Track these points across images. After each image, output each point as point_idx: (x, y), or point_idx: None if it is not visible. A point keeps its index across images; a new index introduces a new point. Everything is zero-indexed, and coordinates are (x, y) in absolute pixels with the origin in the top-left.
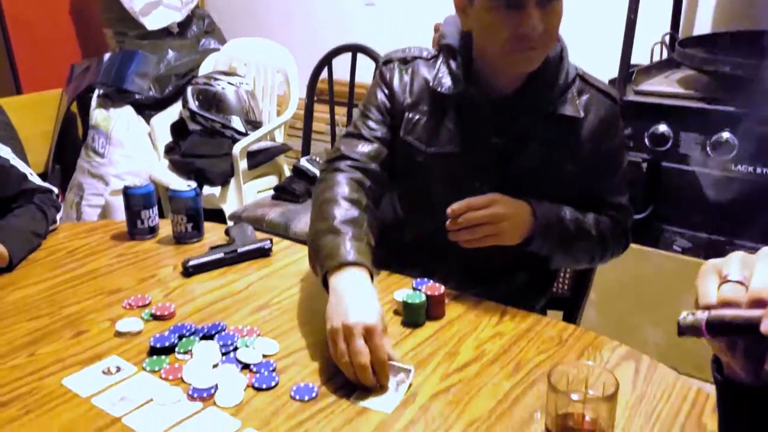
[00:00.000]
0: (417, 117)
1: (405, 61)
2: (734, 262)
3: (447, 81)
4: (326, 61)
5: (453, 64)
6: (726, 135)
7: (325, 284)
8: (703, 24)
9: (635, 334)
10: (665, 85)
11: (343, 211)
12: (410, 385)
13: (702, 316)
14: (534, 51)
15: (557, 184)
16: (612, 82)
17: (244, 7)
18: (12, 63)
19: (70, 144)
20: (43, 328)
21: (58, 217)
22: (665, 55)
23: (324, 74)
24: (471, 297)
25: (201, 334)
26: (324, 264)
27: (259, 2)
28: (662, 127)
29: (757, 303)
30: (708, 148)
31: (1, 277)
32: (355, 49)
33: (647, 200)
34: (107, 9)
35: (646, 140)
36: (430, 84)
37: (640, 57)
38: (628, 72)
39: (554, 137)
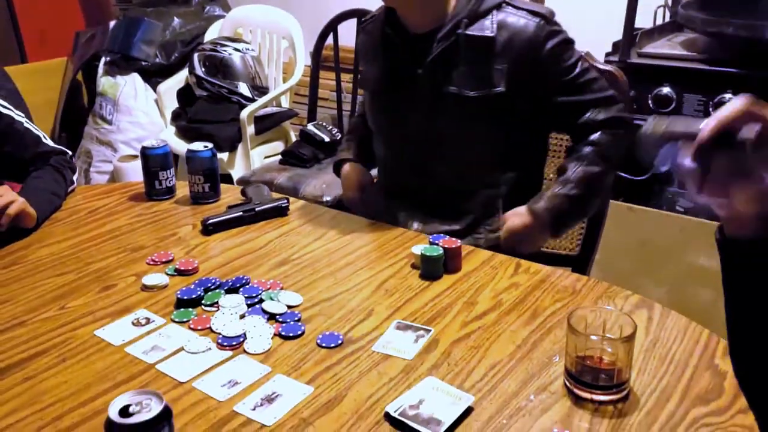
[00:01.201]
0: (363, 66)
1: (363, 23)
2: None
3: (372, 27)
4: (331, 27)
5: (382, 11)
6: (728, 96)
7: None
8: None
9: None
10: (668, 48)
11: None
12: (430, 339)
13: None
14: None
15: (493, 103)
16: (616, 45)
17: None
18: (17, 32)
19: (77, 112)
20: (71, 282)
21: (74, 178)
22: (668, 18)
23: (330, 40)
24: (486, 251)
25: (226, 287)
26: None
27: None
28: (665, 89)
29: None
30: (711, 109)
31: (27, 236)
32: (359, 15)
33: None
34: None
35: (649, 102)
36: (364, 33)
37: (644, 21)
38: (631, 35)
39: (475, 62)
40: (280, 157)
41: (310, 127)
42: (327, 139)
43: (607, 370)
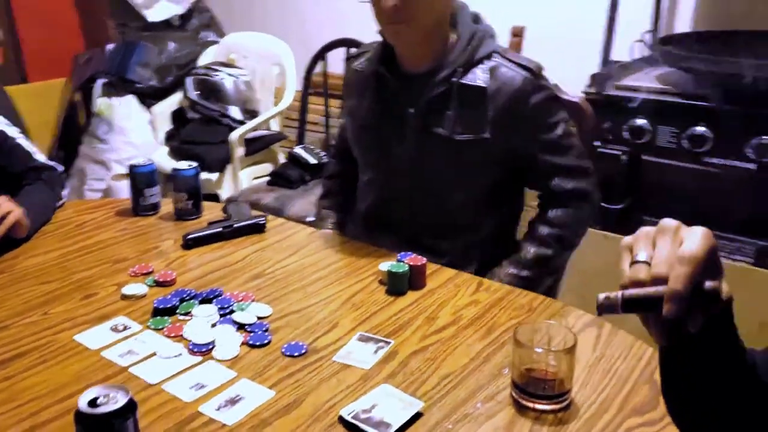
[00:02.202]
0: (350, 99)
1: (351, 56)
2: (641, 241)
3: (364, 63)
4: (320, 54)
5: (377, 49)
6: (701, 129)
7: None
8: (681, 23)
9: (613, 320)
10: (644, 81)
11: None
12: (389, 351)
13: (617, 295)
14: (397, 25)
15: (477, 151)
16: (593, 77)
17: (243, 2)
18: (18, 53)
19: (74, 131)
20: (54, 291)
21: (64, 193)
22: (646, 52)
23: (320, 68)
24: (451, 270)
25: (200, 298)
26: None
27: None
28: (640, 121)
29: (657, 281)
30: (684, 142)
31: (16, 246)
32: (348, 44)
33: (626, 192)
34: (112, 1)
35: (624, 133)
36: (356, 69)
37: (623, 54)
38: (608, 68)
39: (465, 107)
40: (268, 178)
41: (298, 149)
42: (314, 162)
43: (549, 380)
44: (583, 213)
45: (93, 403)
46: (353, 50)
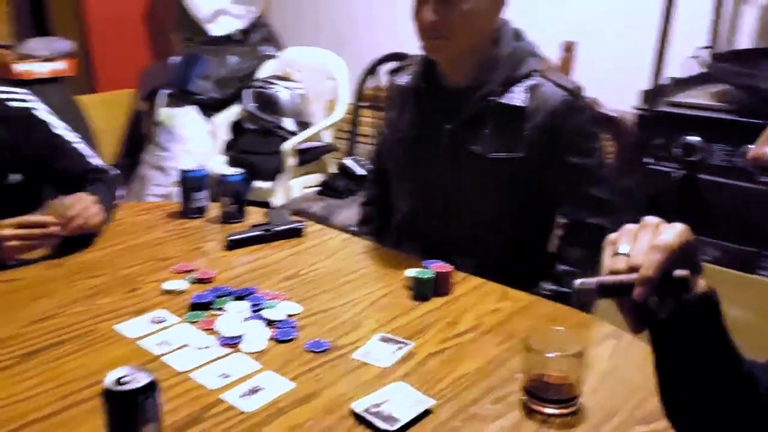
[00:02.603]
0: (390, 113)
1: (395, 69)
2: (623, 236)
3: (406, 77)
4: (373, 68)
5: (419, 63)
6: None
7: None
8: (739, 39)
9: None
10: (698, 98)
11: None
12: (408, 351)
13: (593, 281)
14: (437, 41)
15: (510, 169)
16: (645, 93)
17: (304, 18)
18: (89, 64)
19: (138, 140)
20: (102, 284)
21: (120, 194)
22: (700, 68)
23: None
24: (478, 278)
25: (234, 295)
26: None
27: (318, 13)
28: (693, 138)
29: (632, 269)
30: (738, 160)
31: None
32: (399, 58)
33: (678, 210)
34: (178, 16)
35: (677, 151)
36: (397, 82)
37: (675, 70)
38: (658, 84)
39: (503, 126)
40: (318, 187)
41: (348, 161)
42: (362, 173)
43: (558, 385)
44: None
45: (119, 382)
46: (397, 63)
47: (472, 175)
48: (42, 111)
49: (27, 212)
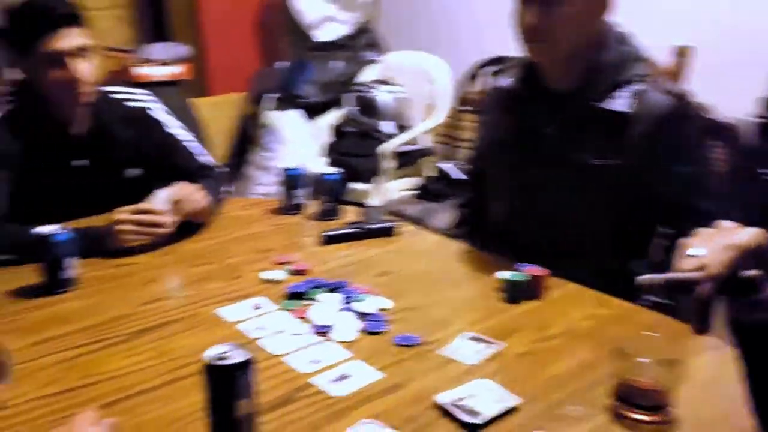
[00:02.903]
0: (489, 115)
1: (497, 71)
2: (697, 239)
3: (507, 80)
4: (475, 72)
5: (520, 65)
6: None
7: None
8: None
9: None
10: None
11: None
12: (496, 351)
13: (660, 277)
14: (538, 43)
15: (612, 177)
16: (765, 100)
17: (406, 22)
18: (204, 69)
19: (246, 141)
20: (208, 271)
21: (226, 190)
22: None
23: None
24: (573, 285)
25: (328, 287)
26: None
27: (420, 18)
28: None
29: (701, 269)
30: None
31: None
32: (502, 61)
33: None
34: (285, 22)
35: None
36: (498, 85)
37: None
38: None
39: (606, 132)
40: (416, 191)
41: (446, 165)
42: (461, 177)
43: (649, 392)
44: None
45: (219, 358)
46: (498, 66)
47: (572, 180)
48: (158, 111)
49: None
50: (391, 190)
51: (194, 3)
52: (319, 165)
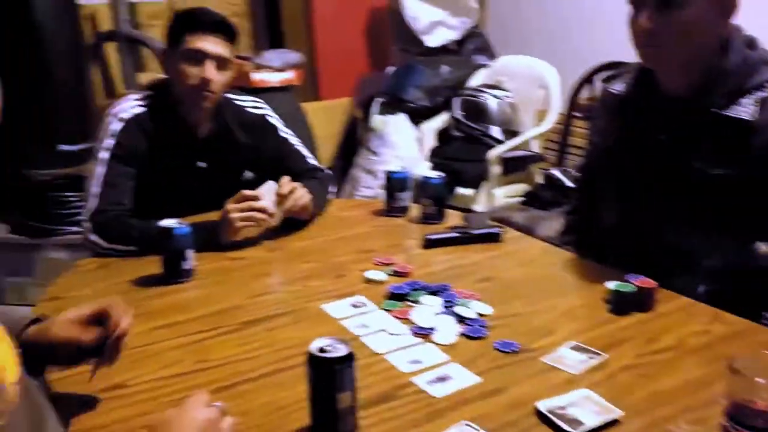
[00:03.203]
0: (600, 121)
1: (609, 77)
2: None
3: (621, 86)
4: (588, 77)
5: (635, 71)
6: None
7: None
8: None
9: None
10: None
11: None
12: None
13: None
14: (653, 49)
15: (729, 188)
16: None
17: (517, 27)
18: (314, 74)
19: (352, 144)
20: (313, 269)
21: (332, 191)
22: None
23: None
24: (685, 298)
25: (429, 290)
26: None
27: (531, 22)
28: None
29: None
30: None
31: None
32: (616, 66)
33: None
34: (395, 28)
35: None
36: (611, 90)
37: None
38: None
39: (726, 140)
40: (523, 198)
41: (555, 171)
42: (571, 185)
43: (765, 414)
44: None
45: (322, 350)
46: (611, 72)
47: (688, 191)
48: (273, 117)
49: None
50: (497, 196)
51: (307, 11)
52: (423, 169)
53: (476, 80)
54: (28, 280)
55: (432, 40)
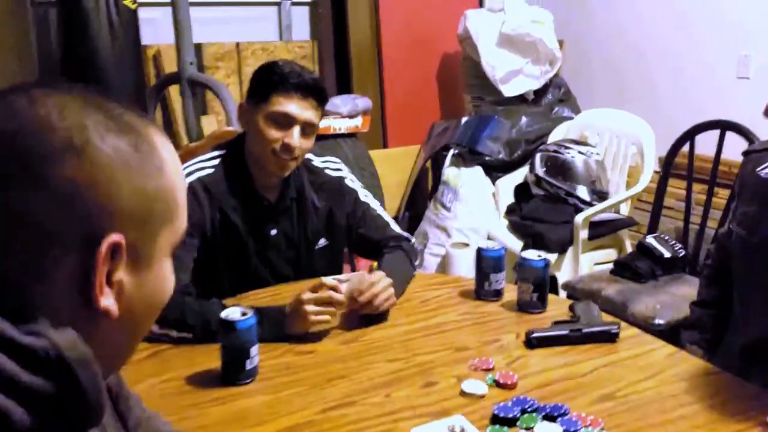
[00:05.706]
0: (745, 207)
1: (750, 154)
2: None
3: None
4: (689, 135)
5: None
6: None
7: None
8: None
9: None
10: None
11: None
12: None
13: None
14: None
15: None
16: None
17: (603, 78)
18: (382, 120)
19: (421, 195)
20: (398, 371)
21: (416, 263)
22: None
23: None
24: None
25: (543, 413)
26: None
27: (619, 73)
28: None
29: None
30: None
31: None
32: (724, 127)
33: None
34: (469, 76)
35: None
36: (759, 172)
37: None
38: None
39: None
40: (611, 266)
41: (650, 239)
42: (668, 255)
43: None
44: None
45: None
46: (756, 144)
47: None
48: (351, 179)
49: (327, 275)
50: (582, 263)
51: (376, 56)
52: (501, 229)
53: (558, 134)
54: None
55: (509, 90)
